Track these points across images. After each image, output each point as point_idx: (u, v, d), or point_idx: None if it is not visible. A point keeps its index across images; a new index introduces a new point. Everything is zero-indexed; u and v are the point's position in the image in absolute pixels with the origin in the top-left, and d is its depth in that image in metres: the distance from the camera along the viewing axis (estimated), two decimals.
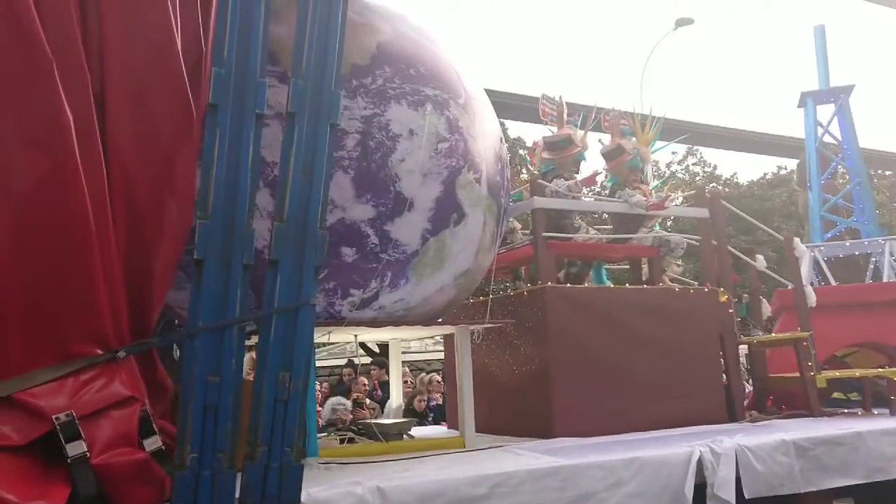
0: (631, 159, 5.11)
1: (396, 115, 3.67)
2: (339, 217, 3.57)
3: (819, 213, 7.26)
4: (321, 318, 3.76)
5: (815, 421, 5.04)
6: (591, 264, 5.38)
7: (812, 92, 7.48)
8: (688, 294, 5.12)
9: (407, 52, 3.89)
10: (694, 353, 5.02)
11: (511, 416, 4.89)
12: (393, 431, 4.68)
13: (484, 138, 4.08)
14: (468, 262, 4.09)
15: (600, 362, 4.66)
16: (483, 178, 4.02)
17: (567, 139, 5.04)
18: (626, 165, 5.11)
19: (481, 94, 4.28)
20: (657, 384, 4.84)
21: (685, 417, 4.85)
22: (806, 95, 7.46)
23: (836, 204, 7.40)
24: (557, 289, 4.62)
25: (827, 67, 7.42)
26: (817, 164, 7.30)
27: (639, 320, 4.84)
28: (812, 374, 5.24)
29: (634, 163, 5.13)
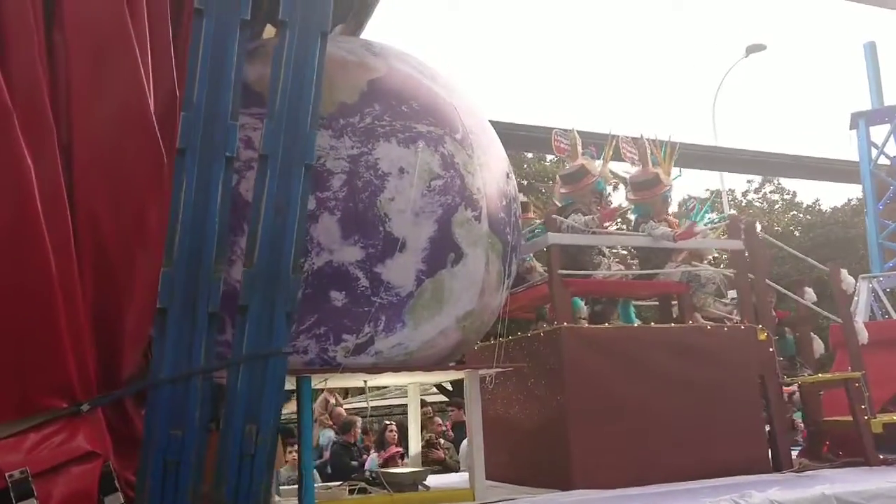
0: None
1: (386, 153, 3.56)
2: (326, 260, 3.46)
3: (877, 241, 6.74)
4: (315, 365, 3.65)
5: (870, 471, 4.57)
6: (616, 302, 5.10)
7: (864, 112, 6.99)
8: (722, 332, 4.76)
9: (400, 89, 3.79)
10: (730, 395, 4.64)
11: (529, 466, 4.62)
12: (406, 482, 4.48)
13: (485, 174, 3.92)
14: (471, 303, 3.90)
15: (623, 407, 4.36)
16: (483, 216, 3.84)
17: (581, 170, 4.82)
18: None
19: (484, 129, 4.13)
20: (689, 431, 4.49)
21: (722, 467, 4.47)
22: (857, 116, 6.98)
23: None
24: (574, 329, 4.36)
25: (880, 85, 6.94)
26: (873, 188, 6.79)
27: (666, 361, 4.52)
28: (867, 418, 4.76)
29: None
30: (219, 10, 3.02)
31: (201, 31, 2.98)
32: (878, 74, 7.01)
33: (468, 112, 4.05)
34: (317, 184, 3.44)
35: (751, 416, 4.70)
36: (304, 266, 3.43)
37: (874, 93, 7.03)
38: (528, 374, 4.64)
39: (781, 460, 4.71)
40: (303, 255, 3.34)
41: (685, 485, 4.20)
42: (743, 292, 4.94)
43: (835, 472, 4.58)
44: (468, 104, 4.14)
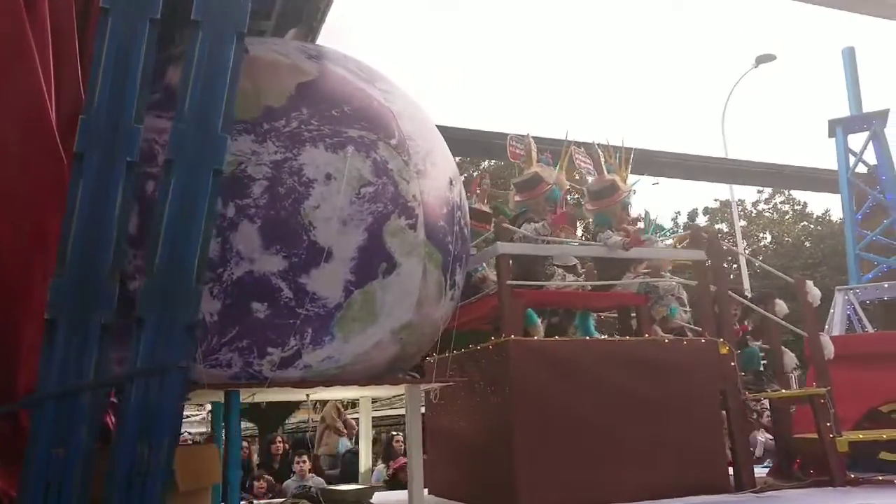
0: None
1: (311, 159, 3.41)
2: (246, 269, 3.31)
3: (854, 252, 6.54)
4: (241, 379, 3.50)
5: (834, 492, 4.38)
6: (574, 314, 4.93)
7: (841, 119, 6.80)
8: (680, 346, 4.59)
9: (332, 92, 3.65)
10: (688, 412, 4.47)
11: (477, 484, 4.46)
12: (349, 499, 4.33)
13: (423, 181, 3.77)
14: (408, 315, 3.74)
15: (573, 424, 4.19)
16: (420, 224, 3.69)
17: (535, 177, 4.67)
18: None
19: (425, 135, 3.98)
20: (644, 449, 4.32)
21: (679, 486, 4.30)
22: (835, 123, 6.78)
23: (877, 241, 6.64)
24: (522, 342, 4.20)
25: (858, 92, 6.75)
26: (850, 197, 6.59)
27: (621, 376, 4.36)
28: (832, 436, 4.57)
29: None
30: (125, 9, 2.88)
31: (106, 30, 2.85)
32: (856, 81, 6.82)
33: (408, 117, 3.91)
34: (236, 190, 3.31)
35: (710, 434, 4.52)
36: (223, 276, 3.30)
37: (852, 100, 6.83)
38: (478, 389, 4.49)
39: (743, 480, 4.52)
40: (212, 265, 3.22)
41: None
42: (704, 304, 4.76)
43: (797, 493, 4.39)
44: (409, 109, 3.99)
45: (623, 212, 4.85)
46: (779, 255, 26.34)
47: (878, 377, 5.36)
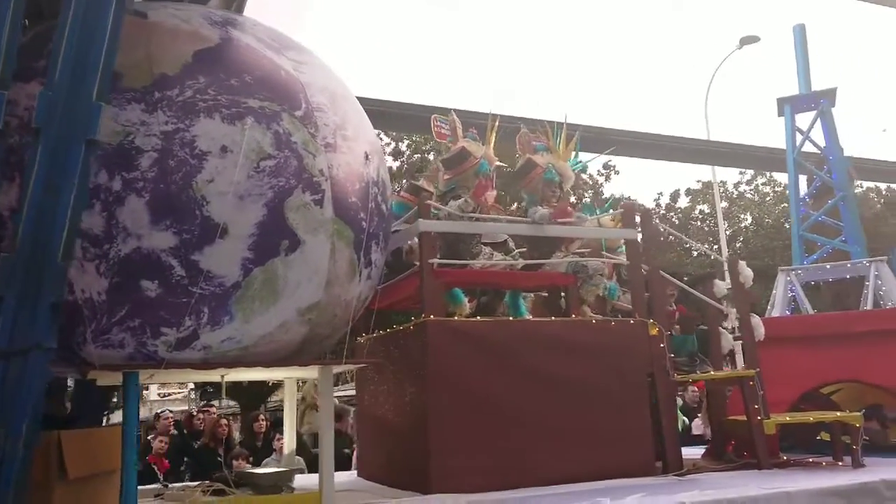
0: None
1: (205, 130, 3.25)
2: (133, 246, 3.16)
3: (798, 233, 6.46)
4: (136, 360, 3.36)
5: (757, 475, 4.33)
6: (502, 294, 4.83)
7: (790, 98, 6.69)
8: (608, 327, 4.50)
9: (233, 61, 3.48)
10: (615, 394, 4.39)
11: (399, 467, 4.37)
12: (267, 483, 4.21)
13: (332, 155, 3.62)
14: (316, 294, 3.61)
15: (494, 406, 4.09)
16: (327, 200, 3.55)
17: (462, 153, 4.53)
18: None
19: (338, 108, 3.81)
20: (567, 432, 4.23)
21: (604, 470, 4.22)
22: (783, 102, 6.67)
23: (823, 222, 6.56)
24: (441, 322, 4.08)
25: (808, 70, 6.62)
26: (795, 177, 6.50)
27: (545, 357, 4.26)
28: (759, 419, 4.51)
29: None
30: None
31: None
32: (806, 59, 6.69)
33: (319, 89, 3.75)
34: (123, 163, 3.14)
35: (637, 416, 4.44)
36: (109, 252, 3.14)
37: (802, 78, 6.71)
38: (400, 371, 4.38)
39: (669, 462, 4.45)
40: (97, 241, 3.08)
41: (554, 489, 3.95)
42: (636, 284, 4.67)
43: (721, 476, 4.34)
44: (322, 81, 3.83)
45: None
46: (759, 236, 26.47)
47: (815, 359, 5.32)
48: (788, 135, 6.56)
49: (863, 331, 5.25)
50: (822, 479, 4.01)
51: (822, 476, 4.14)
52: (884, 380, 5.21)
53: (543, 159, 4.72)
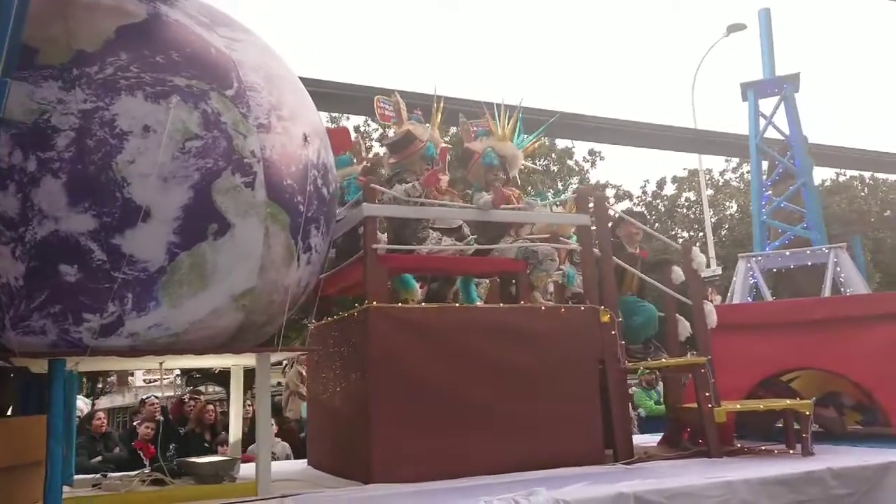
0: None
1: (127, 109, 3.13)
2: (51, 229, 3.04)
3: (759, 219, 6.41)
4: (60, 347, 3.25)
5: (706, 463, 4.28)
6: (453, 280, 4.74)
7: (753, 82, 6.61)
8: (558, 314, 4.42)
9: (159, 37, 3.36)
10: (564, 382, 4.31)
11: (343, 456, 4.29)
12: (207, 472, 4.12)
13: (266, 136, 3.51)
14: (249, 280, 3.51)
15: (438, 395, 4.01)
16: (259, 182, 3.44)
17: (408, 136, 4.42)
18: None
19: (274, 87, 3.69)
20: (513, 420, 4.15)
21: (551, 458, 4.15)
22: (746, 87, 6.59)
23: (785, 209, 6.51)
24: (382, 309, 3.98)
25: (772, 55, 6.53)
26: (757, 162, 6.43)
27: (492, 345, 4.17)
28: (710, 406, 4.47)
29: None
30: None
31: None
32: (770, 43, 6.60)
33: (254, 67, 3.63)
34: (39, 142, 3.02)
35: (586, 404, 4.38)
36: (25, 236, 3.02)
37: (766, 62, 6.62)
38: (344, 358, 4.29)
39: (619, 451, 4.40)
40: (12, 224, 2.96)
41: (497, 478, 3.87)
42: (587, 271, 4.59)
43: (671, 465, 4.28)
44: (258, 59, 3.71)
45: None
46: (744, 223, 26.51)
47: (774, 346, 5.27)
48: (751, 120, 6.48)
49: (821, 318, 5.21)
50: (768, 467, 3.96)
51: (769, 464, 4.09)
52: (841, 367, 5.18)
53: (481, 145, 4.62)
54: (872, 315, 5.05)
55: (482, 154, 4.62)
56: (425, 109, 4.82)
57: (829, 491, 3.84)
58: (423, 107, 4.63)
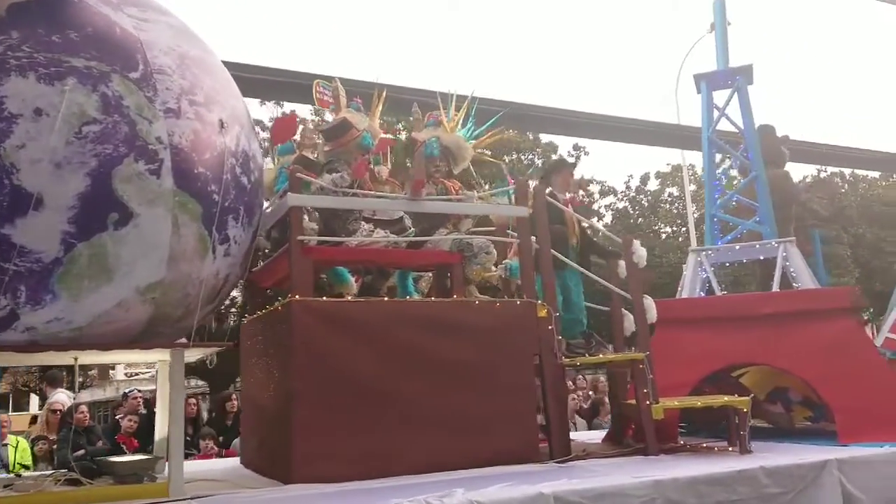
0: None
1: (17, 91, 2.97)
2: None
3: (710, 212, 6.33)
4: None
5: (642, 462, 4.19)
6: (388, 273, 4.60)
7: (707, 74, 6.53)
8: (493, 308, 4.29)
9: (56, 15, 3.19)
10: (499, 378, 4.19)
11: (267, 454, 4.16)
12: (124, 472, 3.96)
13: (174, 122, 3.35)
14: (158, 272, 3.35)
15: (365, 392, 3.87)
16: (166, 170, 3.28)
17: (344, 124, 4.27)
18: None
19: (190, 71, 3.53)
20: (447, 418, 4.03)
21: (484, 456, 4.03)
22: (699, 78, 6.51)
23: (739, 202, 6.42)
24: (306, 302, 3.84)
25: (726, 46, 6.45)
26: (710, 155, 6.34)
27: (423, 340, 4.04)
28: (648, 403, 4.37)
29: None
30: None
31: None
32: (724, 33, 6.50)
33: (165, 49, 3.46)
34: None
35: (521, 401, 4.26)
36: None
37: (720, 53, 6.52)
38: (270, 353, 4.15)
39: (555, 448, 4.29)
40: None
41: (421, 478, 3.75)
42: (526, 265, 4.47)
43: (605, 463, 4.17)
44: (171, 41, 3.54)
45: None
46: None
47: (720, 341, 5.18)
48: (704, 112, 6.39)
49: (768, 313, 5.12)
50: (701, 465, 3.87)
51: (704, 463, 4.00)
52: (785, 363, 5.10)
53: (426, 134, 4.48)
54: (816, 310, 4.97)
55: (424, 144, 4.48)
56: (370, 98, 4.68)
57: (761, 490, 3.75)
58: (369, 95, 4.47)
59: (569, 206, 4.96)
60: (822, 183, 27.88)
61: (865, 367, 4.79)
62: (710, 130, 6.33)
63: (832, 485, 3.91)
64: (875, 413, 4.64)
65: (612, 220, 28.66)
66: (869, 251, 23.58)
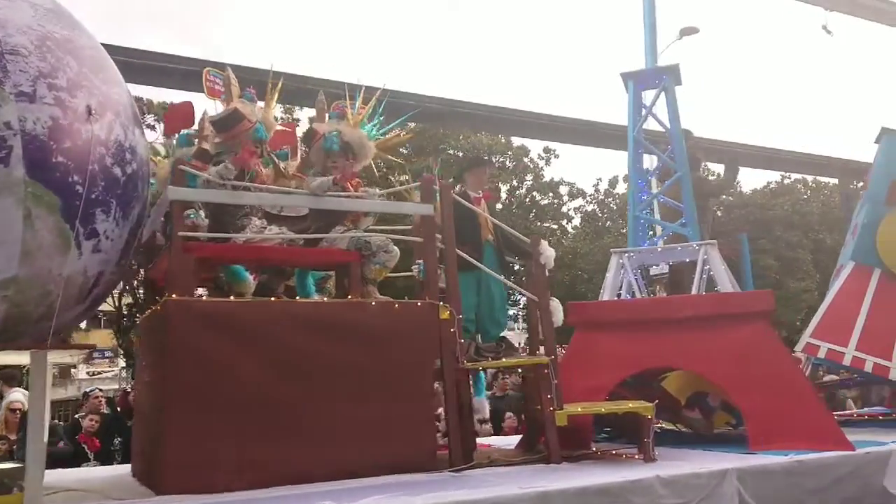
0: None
1: None
2: None
3: (633, 214, 6.23)
4: None
5: (541, 470, 4.04)
6: (287, 272, 4.40)
7: (634, 73, 6.43)
8: (391, 310, 4.11)
9: None
10: (396, 383, 4.01)
11: (146, 461, 3.95)
12: None
13: (31, 106, 3.12)
14: (9, 268, 3.12)
15: (247, 397, 3.66)
16: (15, 158, 3.05)
17: (235, 114, 4.06)
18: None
19: (52, 53, 3.29)
20: (339, 424, 3.84)
21: (379, 464, 3.85)
22: (627, 77, 6.41)
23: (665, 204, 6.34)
24: (183, 302, 3.62)
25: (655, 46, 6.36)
26: (634, 155, 6.25)
27: (314, 342, 3.84)
28: (552, 409, 4.23)
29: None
30: None
31: None
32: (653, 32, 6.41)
33: (20, 28, 3.23)
34: None
35: (419, 407, 4.09)
36: None
37: (648, 52, 6.43)
38: (152, 355, 3.93)
39: (454, 456, 4.12)
40: None
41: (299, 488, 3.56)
42: (430, 264, 4.30)
43: (503, 471, 4.01)
44: (29, 20, 3.30)
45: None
46: None
47: (638, 344, 5.06)
48: (630, 111, 6.28)
49: (684, 316, 5.02)
50: (599, 475, 3.74)
51: (601, 471, 3.87)
52: (702, 367, 5.01)
53: (327, 127, 4.29)
54: (731, 314, 4.88)
55: (325, 137, 4.28)
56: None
57: (657, 500, 3.63)
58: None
59: (482, 203, 4.81)
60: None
61: (777, 372, 4.71)
62: (635, 130, 6.22)
63: (731, 495, 3.81)
64: (785, 420, 4.56)
65: (580, 222, 28.73)
66: (828, 256, 23.94)
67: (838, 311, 5.80)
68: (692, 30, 18.73)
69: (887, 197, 6.22)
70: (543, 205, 27.68)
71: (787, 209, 28.43)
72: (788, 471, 4.04)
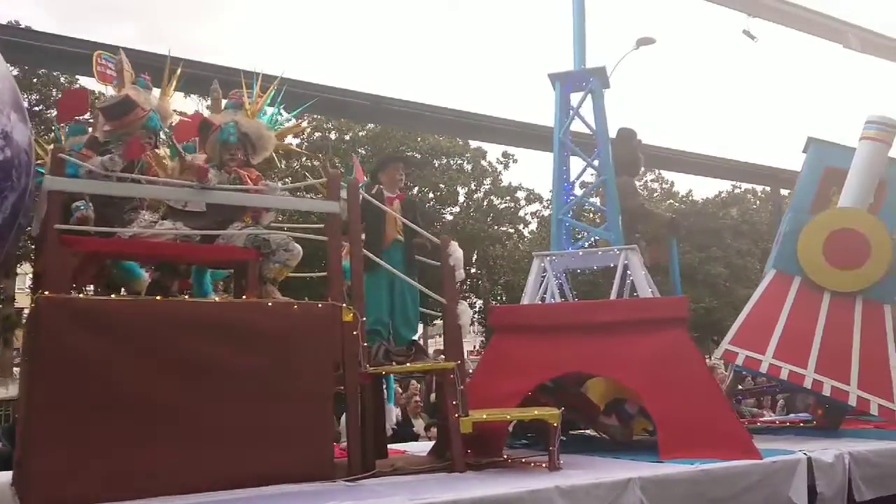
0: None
1: None
2: None
3: (557, 217, 6.15)
4: None
5: (442, 479, 3.91)
6: (181, 270, 4.18)
7: (561, 74, 6.36)
8: (289, 311, 3.93)
9: None
10: (292, 388, 3.83)
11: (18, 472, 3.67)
12: None
13: None
14: None
15: (127, 403, 3.45)
16: None
17: (125, 102, 3.84)
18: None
19: None
20: (225, 431, 3.64)
21: (269, 473, 3.68)
22: (554, 78, 6.33)
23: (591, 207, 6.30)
24: (57, 300, 3.38)
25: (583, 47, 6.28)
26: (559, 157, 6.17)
27: (200, 344, 3.64)
28: (457, 416, 4.10)
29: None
30: None
31: None
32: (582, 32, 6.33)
33: None
34: None
35: (316, 413, 3.91)
36: None
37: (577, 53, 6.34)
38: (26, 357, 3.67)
39: (352, 464, 3.95)
40: None
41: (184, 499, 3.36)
42: (334, 264, 4.12)
43: (405, 480, 3.87)
44: None
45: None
46: None
47: (554, 349, 4.95)
48: (557, 112, 6.20)
49: (601, 321, 4.94)
50: (498, 485, 3.61)
51: (503, 481, 3.74)
52: (618, 373, 4.94)
53: (224, 118, 4.09)
54: (647, 320, 4.81)
55: (220, 128, 4.08)
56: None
57: None
58: None
59: (395, 202, 4.66)
60: None
61: (690, 380, 4.65)
62: (561, 132, 6.14)
63: None
64: (696, 428, 4.51)
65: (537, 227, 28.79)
66: None
67: (758, 318, 5.80)
68: (648, 40, 18.93)
69: (812, 206, 6.26)
70: (501, 209, 27.74)
71: (736, 218, 29.01)
72: (693, 480, 3.97)
